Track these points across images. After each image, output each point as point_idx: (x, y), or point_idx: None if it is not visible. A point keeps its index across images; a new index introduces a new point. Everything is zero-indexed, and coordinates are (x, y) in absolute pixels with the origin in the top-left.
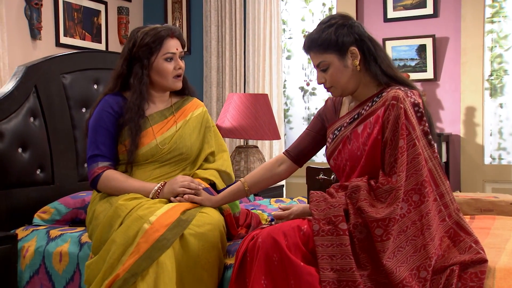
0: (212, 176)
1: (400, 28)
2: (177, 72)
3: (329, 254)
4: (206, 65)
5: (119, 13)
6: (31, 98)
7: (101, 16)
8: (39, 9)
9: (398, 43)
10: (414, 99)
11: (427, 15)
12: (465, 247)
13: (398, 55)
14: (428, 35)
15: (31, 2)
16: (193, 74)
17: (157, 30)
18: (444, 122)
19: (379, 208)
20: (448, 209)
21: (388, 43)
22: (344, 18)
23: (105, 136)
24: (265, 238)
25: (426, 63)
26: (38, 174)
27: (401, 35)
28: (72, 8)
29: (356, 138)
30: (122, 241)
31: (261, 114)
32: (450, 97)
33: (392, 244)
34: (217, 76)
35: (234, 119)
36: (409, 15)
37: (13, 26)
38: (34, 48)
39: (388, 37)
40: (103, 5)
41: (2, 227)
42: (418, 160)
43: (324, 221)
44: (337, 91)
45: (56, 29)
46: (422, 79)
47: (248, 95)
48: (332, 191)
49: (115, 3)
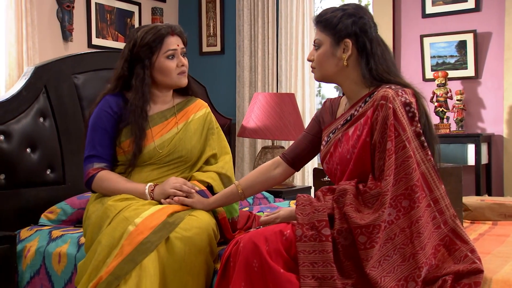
0: (209, 178)
1: (439, 23)
2: (181, 69)
3: (310, 261)
4: (238, 64)
5: (153, 13)
6: (41, 98)
7: (135, 17)
8: (71, 11)
9: (436, 39)
10: (406, 98)
11: (468, 9)
12: (460, 256)
13: (437, 52)
14: (469, 31)
15: (63, 5)
16: (226, 74)
17: (157, 28)
18: (486, 122)
19: (365, 213)
20: (443, 215)
21: (426, 39)
22: (358, 9)
23: (102, 137)
24: (246, 243)
25: (467, 60)
26: (48, 174)
27: (440, 31)
28: (105, 9)
29: (346, 141)
30: (107, 243)
31: (287, 114)
32: (493, 96)
33: (378, 253)
34: (249, 75)
35: (259, 119)
36: (449, 9)
37: (45, 28)
38: (65, 50)
39: (426, 33)
40: (137, 6)
41: (9, 226)
42: (408, 163)
43: (307, 226)
44: (317, 74)
45: (88, 30)
46: (462, 77)
47: (273, 94)
48: (319, 194)
49: (149, 4)
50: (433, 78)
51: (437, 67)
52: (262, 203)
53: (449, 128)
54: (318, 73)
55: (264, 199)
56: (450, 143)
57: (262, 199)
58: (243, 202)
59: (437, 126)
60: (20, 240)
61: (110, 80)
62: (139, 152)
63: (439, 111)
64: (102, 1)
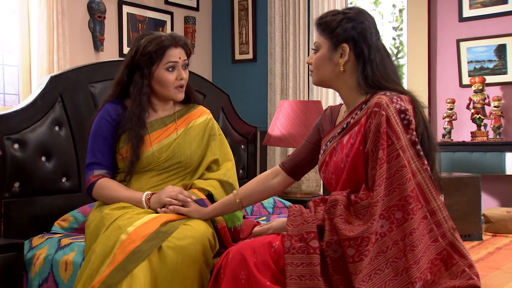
0: (210, 186)
1: (477, 27)
2: (179, 82)
3: (298, 274)
4: (270, 72)
5: (186, 22)
6: (57, 107)
7: (167, 26)
8: (102, 21)
9: (474, 43)
10: (401, 105)
11: (508, 11)
12: (457, 271)
13: (474, 56)
14: (509, 34)
15: (95, 15)
16: (258, 82)
17: (161, 39)
18: None
19: (355, 225)
20: (441, 228)
21: (462, 44)
22: (360, 14)
23: (102, 144)
24: (235, 254)
25: (507, 65)
26: (64, 182)
27: (478, 35)
28: (136, 19)
29: (341, 150)
30: (101, 251)
31: (312, 122)
32: None
33: (368, 266)
34: (281, 83)
35: (284, 127)
36: (487, 12)
37: (76, 39)
38: (96, 59)
39: (463, 37)
40: (169, 15)
41: (23, 234)
42: (402, 173)
43: (296, 238)
44: (314, 78)
45: (119, 40)
46: (501, 82)
47: (298, 102)
48: (311, 205)
49: (182, 13)
50: (470, 84)
51: (475, 73)
52: (282, 212)
53: (487, 135)
54: (315, 77)
55: (285, 208)
56: (487, 152)
57: (283, 208)
58: (261, 211)
59: (474, 134)
60: (31, 248)
61: (111, 86)
62: (136, 158)
63: (476, 118)
64: (134, 11)
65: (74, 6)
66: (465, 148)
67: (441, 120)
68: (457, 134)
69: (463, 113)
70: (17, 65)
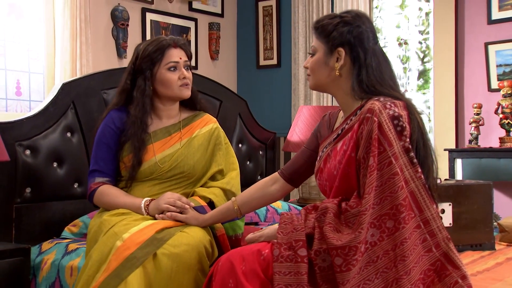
0: (211, 194)
1: (506, 30)
2: (183, 81)
3: (285, 283)
4: (294, 77)
5: (210, 29)
6: (69, 113)
7: (191, 32)
8: (125, 29)
9: (503, 46)
10: (394, 111)
11: None
12: (450, 282)
13: (503, 60)
14: None
15: (118, 23)
16: (282, 87)
17: (159, 40)
18: None
19: (344, 233)
20: (435, 238)
21: (491, 47)
22: (357, 18)
23: (105, 152)
24: (224, 262)
25: None
26: (75, 188)
27: (507, 38)
28: (160, 26)
29: (334, 156)
30: (97, 258)
31: None
32: None
33: (357, 276)
34: (304, 88)
35: (302, 132)
36: None
37: (99, 46)
38: (119, 66)
39: (492, 40)
40: (193, 22)
41: (35, 239)
42: (394, 180)
43: (285, 246)
44: (311, 82)
45: None
46: None
47: (317, 107)
48: (303, 212)
49: (206, 19)
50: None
51: (504, 76)
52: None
53: None
54: (312, 81)
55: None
56: None
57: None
58: (275, 217)
59: (503, 140)
60: (40, 253)
61: (115, 95)
62: (138, 164)
63: (505, 124)
64: (158, 18)
65: (98, 14)
66: (493, 154)
67: (468, 125)
68: (485, 140)
69: (492, 118)
70: (42, 73)
